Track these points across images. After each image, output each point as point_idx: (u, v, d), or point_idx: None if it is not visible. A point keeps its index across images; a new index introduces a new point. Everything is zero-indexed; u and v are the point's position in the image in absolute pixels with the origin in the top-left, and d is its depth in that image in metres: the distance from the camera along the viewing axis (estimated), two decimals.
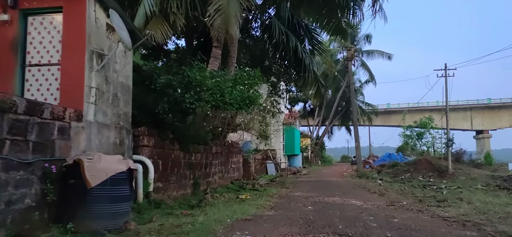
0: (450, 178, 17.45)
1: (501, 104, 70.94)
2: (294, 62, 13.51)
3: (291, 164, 32.99)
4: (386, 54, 43.53)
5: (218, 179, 14.10)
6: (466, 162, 20.63)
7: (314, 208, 7.63)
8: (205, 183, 12.55)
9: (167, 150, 9.68)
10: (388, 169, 22.08)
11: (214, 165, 13.65)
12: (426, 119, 35.51)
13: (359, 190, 12.25)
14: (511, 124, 71.42)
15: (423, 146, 34.41)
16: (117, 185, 5.41)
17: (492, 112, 71.75)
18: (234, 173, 16.75)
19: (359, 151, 21.07)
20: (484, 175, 17.51)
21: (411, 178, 18.54)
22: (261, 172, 22.70)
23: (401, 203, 8.41)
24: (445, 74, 19.10)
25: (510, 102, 70.40)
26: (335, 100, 45.77)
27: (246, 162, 19.55)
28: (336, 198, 9.32)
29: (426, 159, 20.82)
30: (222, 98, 8.33)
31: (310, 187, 13.52)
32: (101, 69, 6.75)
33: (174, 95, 8.19)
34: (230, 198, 9.51)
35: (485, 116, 71.89)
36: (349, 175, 22.04)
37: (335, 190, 11.98)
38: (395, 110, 71.95)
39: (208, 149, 12.96)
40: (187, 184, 10.96)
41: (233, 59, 12.08)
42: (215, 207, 7.73)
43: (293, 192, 11.15)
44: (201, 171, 12.21)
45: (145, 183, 8.13)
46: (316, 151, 48.33)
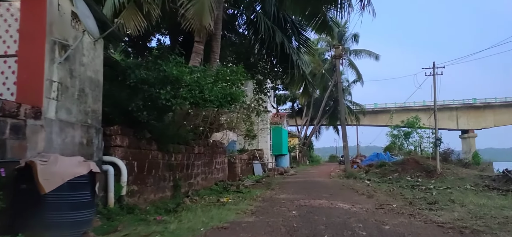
0: (439, 178, 17.22)
1: (485, 104, 71.97)
2: (280, 59, 13.02)
3: (279, 164, 32.53)
4: (373, 54, 43.54)
5: (201, 181, 13.51)
6: (454, 161, 20.49)
7: (299, 213, 7.13)
8: (187, 185, 11.96)
9: (144, 150, 9.07)
10: (376, 168, 21.81)
11: (197, 166, 13.05)
12: (413, 118, 35.56)
13: (347, 191, 11.83)
14: (496, 124, 72.51)
15: (410, 146, 34.47)
16: (77, 190, 4.81)
17: (477, 112, 72.70)
18: (219, 174, 16.17)
19: (347, 150, 20.72)
20: (472, 174, 17.34)
21: (399, 178, 18.26)
22: (247, 172, 22.15)
23: (390, 206, 7.98)
24: (433, 73, 18.88)
25: (494, 102, 71.51)
26: (323, 99, 45.50)
27: (232, 163, 18.99)
28: (322, 201, 8.84)
29: (414, 158, 20.60)
30: (201, 95, 7.77)
31: (296, 188, 13.04)
32: (64, 61, 6.11)
33: (149, 91, 7.59)
34: (210, 202, 8.96)
35: (471, 116, 72.80)
36: (337, 175, 21.68)
37: (322, 192, 11.53)
38: (382, 110, 72.39)
39: (190, 149, 12.36)
40: (166, 187, 10.35)
41: (216, 56, 11.52)
42: (192, 212, 7.16)
43: (278, 194, 10.64)
44: (182, 173, 11.61)
45: (117, 186, 7.52)
46: (304, 150, 48.02)
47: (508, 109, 70.68)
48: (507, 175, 13.99)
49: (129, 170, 8.23)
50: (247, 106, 12.15)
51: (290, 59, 12.84)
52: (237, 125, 11.20)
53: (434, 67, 18.86)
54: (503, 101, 71.62)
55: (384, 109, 72.33)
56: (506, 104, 70.66)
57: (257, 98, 13.77)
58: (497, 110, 71.90)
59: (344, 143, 20.49)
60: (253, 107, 12.62)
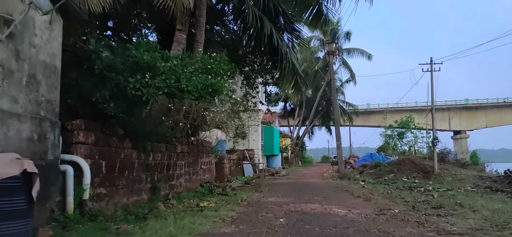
0: (436, 178, 16.43)
1: (477, 105, 72.02)
2: (269, 51, 12.07)
3: (270, 165, 31.62)
4: (366, 53, 42.85)
5: (185, 182, 12.50)
6: (451, 162, 19.76)
7: (287, 221, 6.16)
8: (167, 187, 10.95)
9: (115, 149, 8.05)
10: (370, 169, 20.99)
11: (179, 166, 12.04)
12: (406, 118, 35.01)
13: (342, 194, 10.92)
14: (487, 124, 72.59)
15: (404, 146, 33.87)
16: (6, 195, 3.80)
17: (469, 113, 72.71)
18: (205, 175, 15.17)
19: (341, 150, 19.87)
20: (471, 175, 16.58)
21: (395, 178, 17.44)
22: (237, 173, 21.17)
23: (392, 211, 7.07)
24: (431, 69, 18.11)
25: (486, 103, 71.62)
26: (316, 99, 44.69)
27: (220, 163, 18.01)
28: (315, 206, 7.89)
29: (410, 158, 19.81)
30: (177, 84, 6.78)
31: (287, 190, 12.10)
32: (7, 40, 5.09)
33: (116, 80, 6.57)
34: (188, 206, 7.98)
35: (463, 117, 72.78)
36: (330, 176, 20.80)
37: (314, 194, 10.61)
38: (375, 110, 72.12)
39: (172, 148, 11.35)
40: (142, 189, 9.33)
41: (199, 46, 10.54)
42: (162, 219, 6.18)
43: (267, 197, 9.68)
44: (162, 173, 10.61)
45: (78, 190, 6.50)
46: (296, 151, 47.14)
47: (499, 110, 70.86)
48: (510, 176, 13.20)
49: (95, 171, 7.22)
50: (235, 102, 11.18)
51: (280, 52, 11.89)
52: (223, 122, 10.18)
53: (431, 63, 18.09)
54: (495, 102, 71.78)
55: (377, 110, 72.11)
56: (498, 105, 70.84)
57: (245, 92, 12.76)
58: (489, 111, 72.01)
59: (338, 143, 19.63)
60: (241, 103, 11.60)
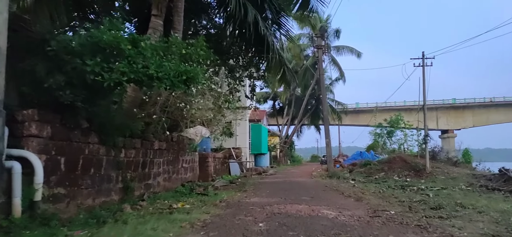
0: (429, 177, 15.88)
1: (465, 105, 72.45)
2: (254, 40, 11.25)
3: (258, 164, 30.84)
4: (355, 51, 42.37)
5: (163, 181, 11.62)
6: (442, 160, 19.25)
7: (268, 225, 5.35)
8: (143, 187, 10.06)
9: (78, 143, 7.15)
10: (360, 168, 20.39)
11: (157, 164, 11.16)
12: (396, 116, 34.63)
13: (331, 193, 10.19)
14: (474, 124, 73.08)
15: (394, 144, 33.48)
16: None
17: (456, 112, 73.10)
18: (187, 174, 14.29)
19: (330, 148, 19.19)
20: (464, 173, 16.07)
21: (386, 177, 16.85)
22: (223, 172, 20.35)
23: (388, 213, 6.34)
24: (422, 64, 17.55)
25: (473, 102, 72.08)
26: (305, 98, 44.07)
27: (204, 161, 17.15)
28: (302, 207, 7.10)
29: (401, 157, 19.26)
30: (145, 70, 5.91)
31: (273, 189, 11.32)
32: None
33: (73, 63, 5.68)
34: (160, 208, 7.12)
35: (450, 116, 73.15)
36: (319, 174, 20.11)
37: (302, 194, 9.84)
38: (363, 110, 72.07)
39: (148, 145, 10.47)
40: (112, 189, 8.44)
41: (178, 33, 9.66)
42: (123, 224, 5.34)
43: (250, 198, 8.86)
44: (137, 172, 9.72)
45: (28, 190, 5.61)
46: (285, 150, 46.44)
47: (486, 109, 71.38)
48: (505, 174, 12.67)
49: (52, 168, 6.34)
50: (217, 95, 10.32)
51: (266, 41, 11.09)
52: (205, 118, 9.29)
53: (423, 57, 17.54)
54: (482, 102, 72.30)
55: (365, 109, 72.10)
56: (485, 105, 71.35)
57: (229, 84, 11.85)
58: (476, 111, 72.49)
59: (327, 140, 18.96)
60: (224, 96, 10.74)
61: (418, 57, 17.74)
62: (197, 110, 8.61)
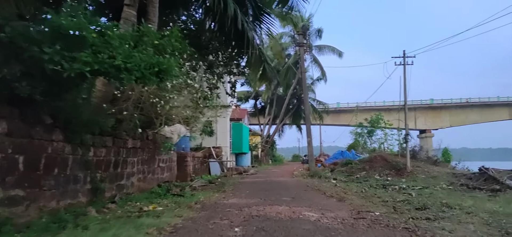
0: (409, 176, 15.84)
1: (442, 105, 74.05)
2: (234, 35, 10.81)
3: (239, 163, 30.38)
4: (337, 51, 42.47)
5: (138, 182, 11.05)
6: (423, 159, 19.33)
7: (245, 230, 4.88)
8: (115, 188, 9.48)
9: (39, 141, 6.55)
10: (341, 167, 20.25)
11: (131, 163, 10.59)
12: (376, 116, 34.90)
13: (313, 193, 9.88)
14: (451, 124, 74.79)
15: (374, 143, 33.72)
16: None
17: (434, 112, 74.60)
18: (164, 174, 13.73)
19: (311, 147, 18.94)
20: (444, 172, 16.10)
21: (367, 176, 16.73)
22: (202, 172, 19.82)
23: (372, 214, 6.03)
24: (404, 62, 17.52)
25: (450, 103, 73.76)
26: (286, 97, 43.88)
27: (183, 161, 16.60)
28: (282, 208, 6.71)
29: (381, 155, 19.21)
30: (111, 61, 5.39)
31: (253, 190, 10.92)
32: None
33: (30, 51, 5.12)
34: (129, 211, 6.60)
35: (428, 116, 74.61)
36: (300, 174, 19.84)
37: (282, 194, 9.48)
38: (344, 109, 72.60)
39: (121, 143, 9.89)
40: (79, 190, 7.85)
41: (153, 25, 9.11)
42: (82, 230, 4.83)
43: (227, 199, 8.41)
44: (108, 172, 9.14)
45: None
46: (266, 149, 46.13)
47: (463, 110, 73.14)
48: (485, 173, 12.69)
49: (9, 168, 5.74)
50: (194, 91, 9.81)
51: (246, 36, 10.67)
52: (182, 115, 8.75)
53: (404, 56, 17.52)
54: (458, 102, 74.05)
55: (346, 109, 72.67)
56: (461, 105, 73.11)
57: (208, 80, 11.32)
58: (453, 111, 74.16)
59: (308, 139, 18.70)
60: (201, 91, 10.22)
61: (399, 56, 17.75)
62: (173, 107, 8.09)
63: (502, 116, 73.75)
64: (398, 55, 17.60)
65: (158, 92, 7.86)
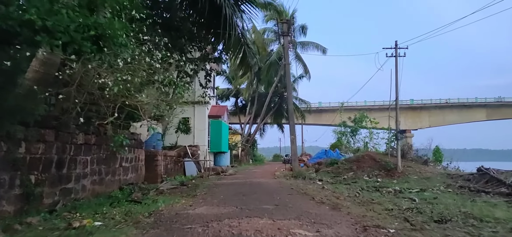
0: (401, 177, 14.59)
1: (422, 105, 74.38)
2: (209, 14, 9.18)
3: (218, 163, 28.66)
4: (321, 47, 41.28)
5: (92, 185, 9.28)
6: (413, 158, 18.21)
7: None
8: (58, 193, 7.73)
9: None
10: (326, 167, 18.91)
11: (82, 163, 8.82)
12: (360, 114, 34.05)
13: (299, 198, 8.38)
14: (431, 124, 75.27)
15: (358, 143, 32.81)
16: None
17: (414, 113, 74.86)
18: (128, 175, 11.98)
19: (295, 145, 17.47)
20: (437, 173, 14.99)
21: (355, 177, 15.42)
22: (177, 172, 18.07)
23: (384, 231, 4.53)
24: (395, 54, 16.32)
25: (429, 103, 74.21)
26: (268, 95, 42.41)
27: (152, 160, 14.85)
28: (263, 222, 5.06)
29: (369, 155, 17.97)
30: (21, 15, 3.70)
31: (229, 194, 9.30)
32: None
33: None
34: (52, 228, 4.89)
35: (408, 116, 74.79)
36: (283, 174, 18.36)
37: (264, 200, 7.93)
38: (326, 109, 71.89)
39: (68, 138, 8.12)
40: (3, 197, 6.10)
41: None
42: None
43: (195, 207, 6.72)
44: (48, 173, 7.38)
45: None
46: (247, 149, 44.50)
47: (442, 110, 73.72)
48: (486, 174, 11.52)
49: None
50: (153, 70, 8.02)
51: (223, 14, 9.06)
52: (136, 100, 6.94)
53: (396, 47, 16.33)
54: (438, 103, 74.60)
55: (328, 109, 72.00)
56: (441, 106, 73.66)
57: (177, 66, 9.59)
58: (432, 112, 74.65)
59: (292, 137, 17.22)
60: (168, 77, 8.47)
61: (390, 47, 16.51)
62: (124, 91, 6.41)
63: (480, 117, 74.81)
64: (390, 46, 16.39)
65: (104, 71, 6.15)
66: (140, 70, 6.70)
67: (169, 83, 7.71)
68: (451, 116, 74.17)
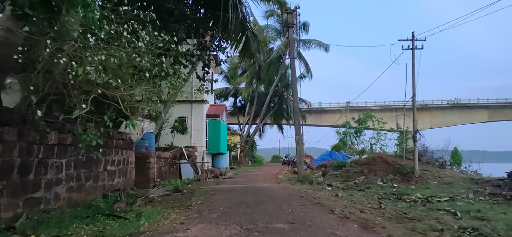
0: (419, 182, 13.21)
1: (423, 106, 73.17)
2: None
3: (216, 165, 27.26)
4: (323, 45, 39.90)
5: (68, 192, 7.86)
6: (429, 161, 16.81)
7: None
8: (22, 204, 6.30)
9: None
10: (333, 170, 17.50)
11: (56, 167, 7.40)
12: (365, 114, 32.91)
13: (316, 211, 6.95)
14: (432, 125, 74.16)
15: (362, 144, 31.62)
16: None
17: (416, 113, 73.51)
18: (115, 179, 10.56)
19: (301, 146, 15.93)
20: (459, 177, 13.60)
21: (368, 182, 14.05)
22: (172, 175, 16.64)
23: None
24: (412, 46, 14.96)
25: (431, 104, 73.15)
26: (268, 95, 41.00)
27: (144, 162, 13.44)
28: None
29: (382, 157, 16.60)
30: None
31: (229, 204, 7.83)
32: None
33: None
34: None
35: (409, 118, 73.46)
36: (286, 178, 16.94)
37: (273, 213, 6.51)
38: (326, 109, 70.81)
39: (36, 137, 6.70)
40: None
41: None
42: None
43: (187, 225, 5.17)
44: (7, 181, 5.96)
45: None
46: (246, 150, 43.06)
47: (443, 111, 72.66)
48: None
49: None
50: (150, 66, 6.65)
51: None
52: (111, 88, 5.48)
53: (413, 38, 14.96)
54: (439, 104, 73.52)
55: (328, 109, 70.92)
56: (442, 107, 72.60)
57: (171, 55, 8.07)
58: (433, 113, 73.60)
59: (297, 137, 15.74)
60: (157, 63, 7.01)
61: (406, 39, 15.14)
62: (97, 77, 5.02)
63: (481, 118, 73.84)
64: (406, 38, 15.01)
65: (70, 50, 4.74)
66: (119, 51, 5.28)
67: (160, 73, 6.27)
68: (452, 117, 73.11)
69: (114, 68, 5.16)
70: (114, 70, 5.23)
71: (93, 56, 4.59)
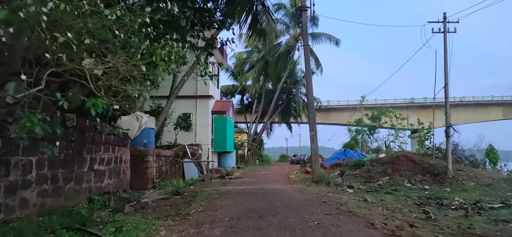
0: (453, 184, 11.58)
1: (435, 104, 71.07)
2: None
3: (223, 164, 25.80)
4: (334, 39, 38.28)
5: (42, 197, 6.41)
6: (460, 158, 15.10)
7: None
8: None
9: None
10: (351, 170, 15.89)
11: (22, 165, 5.94)
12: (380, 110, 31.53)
13: (350, 224, 5.36)
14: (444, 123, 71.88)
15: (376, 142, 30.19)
16: None
17: (427, 111, 71.53)
18: (104, 180, 9.11)
19: (316, 144, 14.21)
20: (499, 178, 11.94)
21: (394, 183, 12.46)
22: (174, 175, 15.19)
23: None
24: (444, 29, 13.32)
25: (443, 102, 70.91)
26: (276, 92, 39.48)
27: (142, 161, 12.02)
28: None
29: (407, 155, 14.97)
30: None
31: (237, 213, 6.27)
32: None
33: None
34: None
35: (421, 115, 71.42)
36: (299, 179, 15.38)
37: (297, 229, 4.97)
38: (335, 107, 69.32)
39: None
40: None
41: None
42: None
43: None
44: None
45: None
46: (253, 148, 41.54)
47: (456, 109, 70.32)
48: None
49: None
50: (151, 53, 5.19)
51: None
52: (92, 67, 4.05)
53: (444, 20, 13.33)
54: (452, 102, 71.18)
55: (337, 107, 69.44)
56: (454, 104, 70.38)
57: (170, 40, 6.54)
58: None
59: (312, 133, 14.07)
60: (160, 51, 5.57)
61: (437, 21, 13.48)
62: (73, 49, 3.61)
63: (495, 116, 71.67)
64: (437, 20, 13.32)
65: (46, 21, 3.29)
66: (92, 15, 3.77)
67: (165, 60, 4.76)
68: (465, 115, 70.97)
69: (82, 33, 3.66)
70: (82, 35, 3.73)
71: (68, 21, 3.09)
